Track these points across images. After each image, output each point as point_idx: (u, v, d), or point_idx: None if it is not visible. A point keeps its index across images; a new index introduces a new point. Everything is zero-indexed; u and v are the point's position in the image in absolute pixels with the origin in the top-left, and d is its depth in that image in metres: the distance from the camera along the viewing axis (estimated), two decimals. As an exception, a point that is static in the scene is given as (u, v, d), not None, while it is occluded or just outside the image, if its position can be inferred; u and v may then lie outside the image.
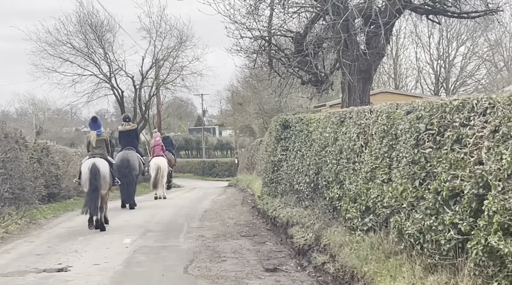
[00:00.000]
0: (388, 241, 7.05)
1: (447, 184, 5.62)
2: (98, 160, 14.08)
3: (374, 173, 7.69)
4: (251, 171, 36.19)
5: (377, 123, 7.93)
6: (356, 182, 8.32)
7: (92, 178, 13.76)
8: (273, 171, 14.93)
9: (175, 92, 43.16)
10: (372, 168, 7.74)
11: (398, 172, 6.82)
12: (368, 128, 8.34)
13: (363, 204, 7.95)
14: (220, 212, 17.49)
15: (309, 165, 11.76)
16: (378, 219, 7.53)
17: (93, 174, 13.77)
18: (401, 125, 7.02)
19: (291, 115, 15.14)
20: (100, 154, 14.44)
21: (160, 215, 17.17)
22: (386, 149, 7.40)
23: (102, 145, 14.60)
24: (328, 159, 10.14)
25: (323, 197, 10.42)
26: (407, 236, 6.28)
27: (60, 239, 13.22)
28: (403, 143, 6.84)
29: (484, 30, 46.00)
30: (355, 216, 8.11)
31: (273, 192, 14.87)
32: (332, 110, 11.08)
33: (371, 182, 7.76)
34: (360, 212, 8.02)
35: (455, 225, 5.39)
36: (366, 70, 15.44)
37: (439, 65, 48.52)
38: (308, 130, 12.55)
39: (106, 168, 14.22)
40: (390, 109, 7.64)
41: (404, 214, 6.48)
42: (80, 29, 38.18)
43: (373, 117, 8.19)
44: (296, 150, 13.14)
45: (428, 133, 6.30)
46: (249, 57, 16.19)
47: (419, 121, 6.53)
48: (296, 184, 12.58)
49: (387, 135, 7.47)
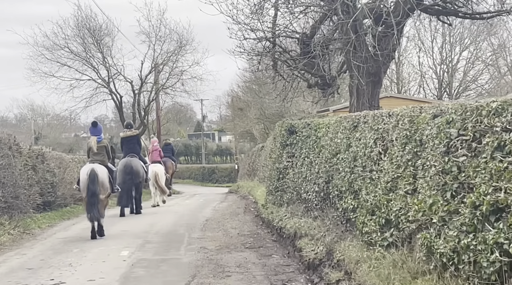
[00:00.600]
0: (414, 259, 6.34)
1: (487, 197, 4.92)
2: (97, 166, 14.03)
3: (395, 183, 6.99)
4: (252, 178, 35.47)
5: (398, 128, 7.23)
6: (374, 192, 7.61)
7: (90, 183, 13.70)
8: (278, 178, 14.23)
9: (174, 97, 42.46)
10: (394, 178, 7.04)
11: (425, 182, 6.12)
12: (387, 133, 7.64)
13: (382, 217, 7.24)
14: (222, 221, 16.77)
15: (318, 173, 11.06)
16: (401, 234, 6.82)
17: (92, 179, 13.72)
18: (427, 130, 6.32)
19: (297, 120, 14.45)
20: (100, 160, 14.43)
21: (160, 225, 16.46)
22: (410, 157, 6.70)
23: (102, 152, 14.61)
24: (340, 167, 9.45)
25: (334, 207, 9.72)
26: (438, 255, 5.58)
27: (54, 251, 12.50)
28: (430, 150, 6.14)
29: (488, 34, 45.47)
30: (374, 230, 7.40)
31: (279, 201, 14.16)
32: (343, 114, 10.38)
33: (392, 193, 7.05)
34: (379, 225, 7.32)
35: (500, 245, 4.68)
36: (375, 73, 14.75)
37: (442, 70, 47.91)
38: (317, 135, 11.86)
39: (104, 174, 14.15)
40: (413, 113, 6.94)
41: (434, 230, 5.78)
42: (78, 33, 37.49)
43: (393, 121, 7.49)
44: (303, 157, 12.45)
45: (461, 139, 5.60)
46: (252, 59, 15.48)
47: (449, 125, 5.83)
48: (304, 193, 11.88)
49: (410, 141, 6.77)
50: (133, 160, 19.49)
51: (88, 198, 13.71)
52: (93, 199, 13.67)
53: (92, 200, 13.66)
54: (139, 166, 19.72)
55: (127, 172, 19.22)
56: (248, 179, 37.55)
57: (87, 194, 13.75)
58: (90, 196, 13.68)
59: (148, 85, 40.65)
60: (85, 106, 38.67)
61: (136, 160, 19.71)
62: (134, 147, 20.03)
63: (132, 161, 19.44)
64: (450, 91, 47.99)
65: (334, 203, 9.78)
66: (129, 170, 19.27)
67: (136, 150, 20.04)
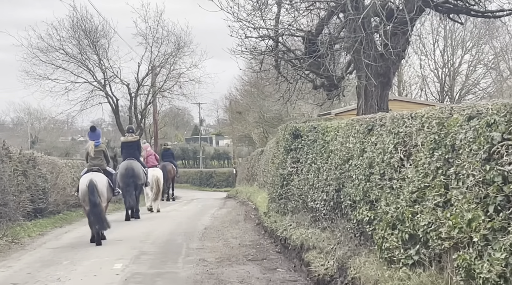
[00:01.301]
0: (446, 282, 5.52)
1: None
2: (96, 176, 14.03)
3: (422, 194, 6.17)
4: (251, 183, 34.62)
5: (424, 132, 6.41)
6: (395, 203, 6.79)
7: (90, 194, 13.67)
8: (282, 185, 13.39)
9: (172, 100, 41.62)
10: (420, 188, 6.22)
11: (461, 194, 5.30)
12: (410, 137, 6.83)
13: (406, 231, 6.42)
14: (222, 229, 15.94)
15: (327, 180, 10.24)
16: (429, 252, 6.00)
17: (91, 190, 13.68)
18: (461, 134, 5.51)
19: (301, 124, 13.63)
20: (98, 165, 14.46)
21: (156, 233, 15.62)
22: (440, 164, 5.88)
23: (100, 156, 14.60)
24: (353, 174, 8.63)
25: (346, 218, 8.90)
26: (481, 281, 4.75)
27: (42, 263, 11.66)
28: (466, 157, 5.32)
29: (490, 37, 44.81)
30: (395, 246, 6.57)
31: (282, 209, 13.33)
32: (351, 117, 9.55)
33: (418, 205, 6.23)
34: (402, 241, 6.50)
35: None
36: (384, 74, 13.96)
37: (444, 73, 47.19)
38: (324, 140, 11.03)
39: (103, 182, 14.16)
40: (441, 114, 6.12)
41: (475, 250, 4.96)
42: (74, 35, 36.66)
43: (417, 124, 6.67)
44: (310, 163, 11.62)
45: (507, 144, 4.79)
46: (255, 58, 14.63)
47: (491, 128, 5.02)
48: (310, 202, 11.05)
49: (439, 146, 5.95)
50: (133, 163, 19.59)
51: (91, 209, 13.68)
52: (96, 209, 13.65)
53: (95, 211, 13.64)
54: (140, 169, 19.81)
55: (129, 175, 19.33)
56: (247, 184, 36.72)
57: (89, 206, 13.71)
58: (92, 207, 13.64)
59: (145, 88, 39.85)
60: (80, 109, 37.85)
61: (136, 163, 19.81)
62: (134, 152, 20.08)
63: (132, 163, 19.54)
64: (452, 95, 47.28)
65: (346, 214, 8.96)
66: (131, 173, 19.37)
67: (136, 156, 20.08)
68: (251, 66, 46.36)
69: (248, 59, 14.47)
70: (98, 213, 13.65)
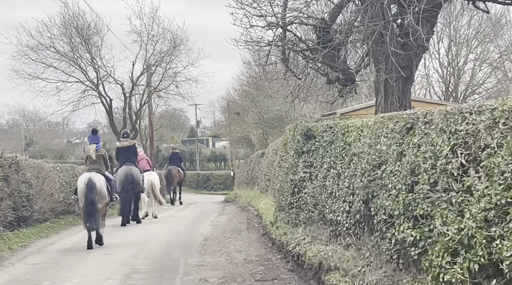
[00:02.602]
0: None
1: None
2: (95, 175, 13.91)
3: (503, 212, 4.63)
4: (251, 186, 33.10)
5: (499, 129, 4.88)
6: (457, 223, 5.24)
7: (88, 192, 13.50)
8: (292, 193, 11.83)
9: (168, 100, 39.98)
10: (498, 204, 4.67)
11: None
12: (475, 137, 5.29)
13: (476, 260, 4.88)
14: (223, 241, 14.38)
15: (350, 188, 8.70)
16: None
17: (89, 188, 13.54)
18: None
19: (313, 123, 12.08)
20: (97, 169, 14.34)
21: (151, 246, 14.06)
22: (531, 173, 4.34)
23: (100, 160, 14.51)
24: (388, 183, 7.08)
25: (380, 236, 7.35)
26: None
27: (18, 284, 10.10)
28: None
29: (495, 36, 43.50)
30: (462, 280, 5.02)
31: (293, 219, 11.77)
32: (388, 114, 8.01)
33: (496, 227, 4.69)
34: (470, 273, 4.95)
35: None
36: (406, 66, 12.43)
37: (449, 73, 45.77)
38: (345, 141, 9.49)
39: (102, 182, 13.96)
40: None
41: None
42: (65, 32, 35.08)
43: (486, 119, 5.13)
44: (327, 168, 10.08)
45: None
46: (261, 49, 13.04)
47: None
48: (329, 213, 9.50)
49: (527, 149, 4.42)
50: (132, 169, 19.17)
51: (86, 207, 13.50)
52: (91, 208, 13.45)
53: (90, 209, 13.44)
54: (139, 175, 19.42)
55: (128, 181, 18.87)
56: (246, 188, 35.22)
57: (85, 203, 13.52)
58: (88, 205, 13.45)
59: (140, 87, 38.26)
60: (72, 110, 36.24)
61: (136, 169, 19.40)
62: (131, 157, 19.56)
63: (132, 169, 19.12)
64: (457, 94, 45.89)
65: (378, 230, 7.40)
66: (131, 179, 18.93)
67: (132, 161, 19.56)
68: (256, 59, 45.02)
69: (253, 51, 12.77)
70: (92, 212, 13.41)
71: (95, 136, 14.97)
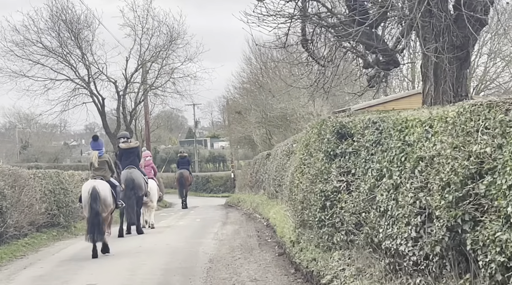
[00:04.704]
0: None
1: None
2: (99, 183, 13.67)
3: None
4: (256, 190, 30.57)
5: None
6: None
7: (92, 202, 13.25)
8: (323, 207, 9.26)
9: (165, 98, 37.47)
10: None
11: None
12: None
13: None
14: (232, 263, 11.82)
15: (416, 206, 6.20)
16: None
17: (93, 198, 13.27)
18: None
19: (347, 118, 9.53)
20: (101, 176, 14.11)
21: (144, 271, 11.48)
22: None
23: (104, 167, 14.28)
24: (505, 203, 4.56)
25: (482, 277, 4.82)
26: None
27: None
28: None
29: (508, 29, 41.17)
30: None
31: (325, 241, 9.20)
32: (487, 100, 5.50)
33: None
34: None
35: None
36: (461, 46, 9.94)
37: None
38: (403, 140, 6.97)
39: (106, 190, 13.69)
40: None
41: None
42: (53, 26, 32.64)
43: None
44: (376, 176, 7.56)
45: None
46: (279, 26, 10.42)
47: None
48: (384, 239, 6.96)
49: None
50: (133, 172, 18.17)
51: (92, 219, 13.26)
52: (96, 219, 13.21)
53: (95, 221, 13.20)
54: (140, 179, 18.41)
55: (129, 187, 17.83)
56: (250, 192, 32.72)
57: (90, 214, 13.29)
58: (93, 216, 13.21)
59: (134, 85, 35.81)
60: (62, 110, 33.76)
61: (137, 172, 18.40)
62: (134, 160, 18.64)
63: (132, 173, 18.10)
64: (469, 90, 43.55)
65: (487, 277, 4.87)
66: (131, 184, 17.90)
67: (135, 163, 18.63)
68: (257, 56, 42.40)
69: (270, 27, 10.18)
70: (97, 223, 13.16)
71: (96, 142, 14.56)
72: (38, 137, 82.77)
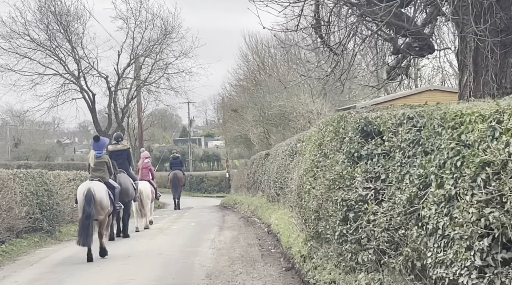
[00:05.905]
0: None
1: None
2: (95, 184, 13.43)
3: None
4: (253, 192, 29.12)
5: None
6: None
7: (86, 204, 12.96)
8: (344, 219, 7.76)
9: (159, 95, 35.93)
10: None
11: None
12: None
13: None
14: (233, 279, 10.32)
15: (481, 225, 4.73)
16: None
17: (88, 200, 13.01)
18: None
19: (373, 113, 8.05)
20: (99, 177, 13.95)
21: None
22: None
23: (102, 168, 14.13)
24: None
25: None
26: None
27: None
28: None
29: None
30: None
31: (347, 260, 7.71)
32: None
33: None
34: None
35: None
36: (506, 30, 8.47)
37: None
38: (458, 139, 5.50)
39: (102, 192, 13.45)
40: None
41: None
42: (41, 18, 31.10)
43: None
44: (418, 184, 6.08)
45: None
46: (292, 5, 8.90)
47: None
48: (435, 266, 5.47)
49: None
50: (120, 177, 17.08)
51: (82, 221, 12.96)
52: (87, 221, 12.86)
53: (85, 223, 12.85)
54: (128, 183, 17.75)
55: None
56: (247, 193, 31.28)
57: (82, 216, 13.00)
58: (84, 218, 12.91)
59: (126, 81, 34.30)
60: (50, 107, 32.24)
61: (124, 176, 17.64)
62: (123, 162, 18.00)
63: (119, 177, 16.85)
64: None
65: None
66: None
67: (125, 166, 18.02)
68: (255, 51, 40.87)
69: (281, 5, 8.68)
70: (86, 226, 12.78)
71: (97, 143, 14.33)
72: (31, 134, 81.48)
